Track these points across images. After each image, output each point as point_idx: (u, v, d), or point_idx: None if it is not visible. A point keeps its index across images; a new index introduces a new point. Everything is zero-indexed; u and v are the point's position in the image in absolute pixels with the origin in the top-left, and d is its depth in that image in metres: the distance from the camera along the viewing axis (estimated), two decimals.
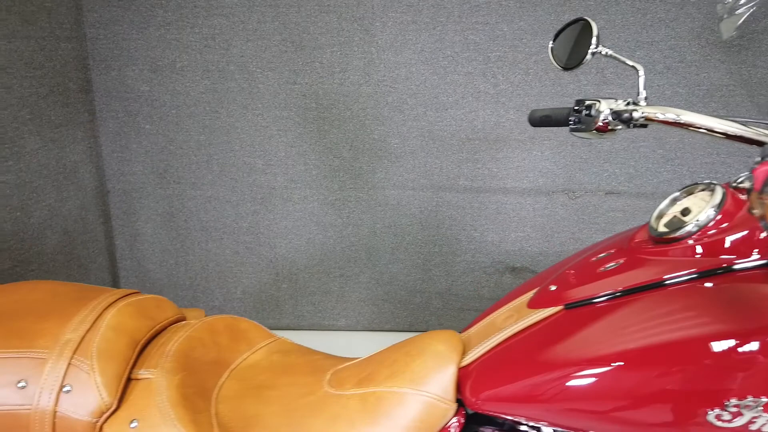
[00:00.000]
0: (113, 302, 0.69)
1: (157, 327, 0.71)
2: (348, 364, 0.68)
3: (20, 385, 0.59)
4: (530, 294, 0.70)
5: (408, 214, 1.89)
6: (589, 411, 0.58)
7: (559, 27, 0.96)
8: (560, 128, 1.76)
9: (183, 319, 0.78)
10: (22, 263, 1.56)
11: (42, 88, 1.62)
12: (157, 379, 0.62)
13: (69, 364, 0.60)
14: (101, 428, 0.59)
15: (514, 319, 0.67)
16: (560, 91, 1.74)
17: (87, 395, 0.59)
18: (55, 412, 0.58)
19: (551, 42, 0.96)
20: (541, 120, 0.92)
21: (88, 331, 0.63)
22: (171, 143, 1.89)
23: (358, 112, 1.81)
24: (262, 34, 1.77)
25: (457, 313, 1.97)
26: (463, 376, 0.65)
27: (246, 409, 0.62)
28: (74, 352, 0.61)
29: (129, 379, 0.62)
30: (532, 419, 0.62)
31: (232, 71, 1.81)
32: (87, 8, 1.80)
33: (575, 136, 0.84)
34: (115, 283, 2.01)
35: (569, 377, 0.58)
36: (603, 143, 1.77)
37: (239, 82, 1.82)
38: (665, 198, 0.75)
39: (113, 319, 0.65)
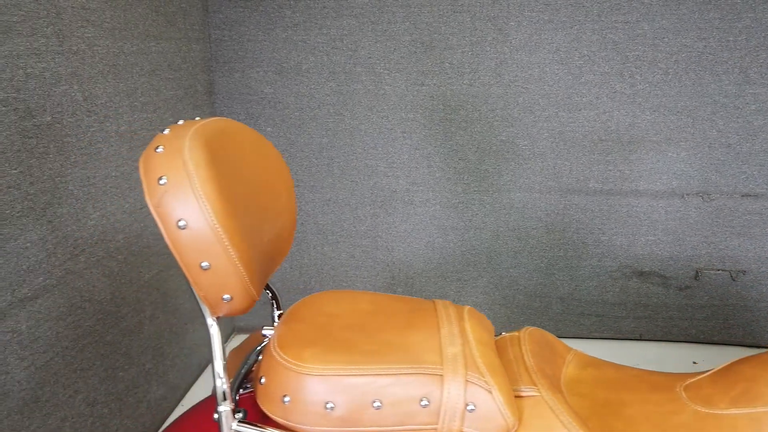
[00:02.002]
0: (457, 313, 0.67)
1: (496, 339, 0.68)
2: (695, 379, 0.65)
3: (423, 403, 0.56)
4: None
5: (533, 217, 1.85)
6: None
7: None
8: (697, 129, 1.72)
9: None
10: (166, 268, 1.54)
11: (179, 91, 1.61)
12: (544, 396, 0.58)
13: (466, 381, 0.57)
14: None
15: None
16: (700, 91, 1.69)
17: (490, 415, 0.56)
18: (460, 431, 0.56)
19: None
20: None
21: (463, 345, 0.60)
22: (292, 146, 1.87)
23: (486, 114, 1.78)
24: (391, 35, 1.74)
25: (577, 318, 1.93)
26: None
27: (612, 430, 0.59)
28: (466, 369, 0.58)
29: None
30: None
31: (358, 73, 1.78)
32: (212, 9, 1.78)
33: None
34: None
35: None
36: (742, 144, 1.72)
37: (365, 84, 1.79)
38: None
39: (475, 332, 0.63)
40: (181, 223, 0.52)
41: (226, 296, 0.55)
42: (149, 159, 0.54)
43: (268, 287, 0.80)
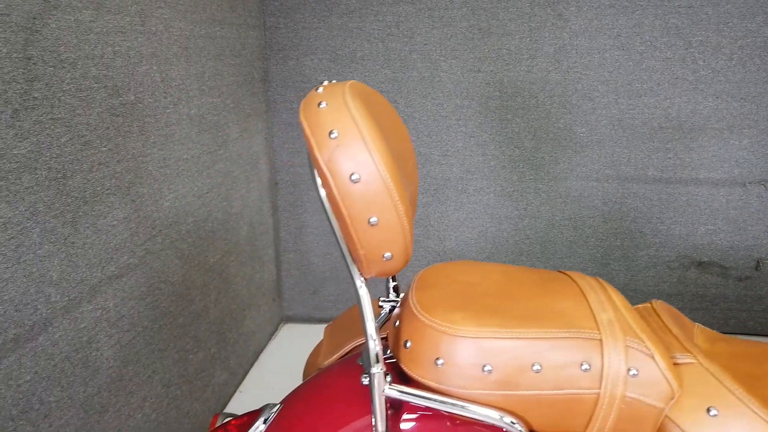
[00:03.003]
0: (596, 282, 0.65)
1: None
2: None
3: (584, 367, 0.55)
4: None
5: (590, 206, 1.83)
6: None
7: None
8: (761, 116, 1.69)
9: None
10: (227, 254, 1.54)
11: (239, 77, 1.61)
12: (703, 363, 0.57)
13: (626, 346, 0.55)
14: (665, 416, 0.55)
15: None
16: (765, 77, 1.66)
17: (653, 380, 0.54)
18: (624, 396, 0.54)
19: None
20: None
21: (614, 311, 0.59)
22: None
23: (543, 101, 1.76)
24: (448, 21, 1.73)
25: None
26: None
27: None
28: (624, 334, 0.56)
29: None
30: None
31: (414, 60, 1.77)
32: None
33: None
34: (278, 277, 1.99)
35: None
36: None
37: (421, 71, 1.78)
38: None
39: (620, 300, 0.61)
40: (354, 177, 0.51)
41: (387, 254, 0.54)
42: (315, 115, 0.53)
43: None
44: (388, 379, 0.59)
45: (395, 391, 0.58)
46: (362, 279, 0.57)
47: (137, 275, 1.10)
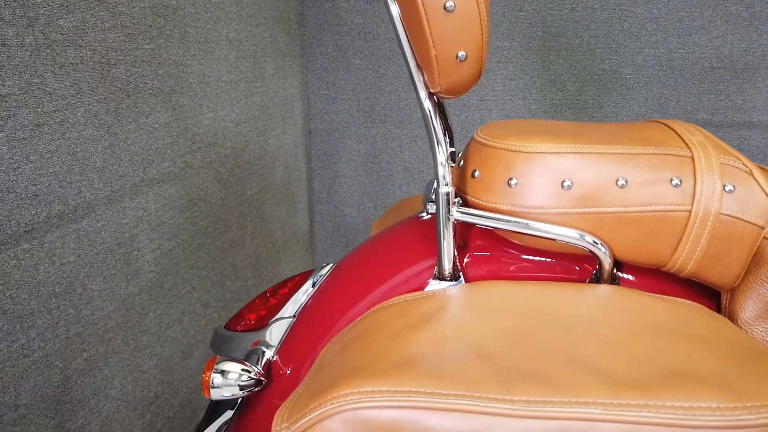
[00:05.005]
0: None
1: None
2: None
3: (674, 182, 0.50)
4: None
5: None
6: None
7: None
8: None
9: None
10: (263, 190, 1.51)
11: (276, 12, 1.58)
12: None
13: (721, 163, 0.50)
14: (764, 237, 0.50)
15: None
16: None
17: (752, 196, 0.49)
18: (718, 214, 0.49)
19: None
20: None
21: (704, 135, 0.54)
22: (381, 79, 1.82)
23: (588, 40, 1.69)
24: None
25: None
26: None
27: None
28: (718, 151, 0.51)
29: None
30: None
31: None
32: None
33: None
34: (311, 227, 1.97)
35: None
36: None
37: None
38: None
39: (708, 133, 0.56)
40: None
41: (461, 53, 0.49)
42: None
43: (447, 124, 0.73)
44: (458, 201, 0.55)
45: (465, 215, 0.54)
46: (427, 92, 0.53)
47: (177, 186, 1.08)
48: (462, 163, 0.59)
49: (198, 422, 1.17)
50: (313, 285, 0.67)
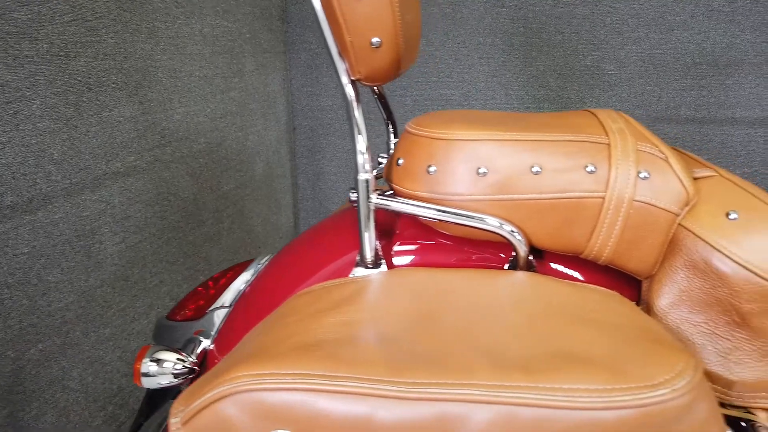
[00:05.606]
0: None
1: None
2: None
3: (589, 169, 0.50)
4: None
5: None
6: None
7: None
8: None
9: None
10: (241, 186, 1.52)
11: (256, 9, 1.58)
12: (724, 175, 0.51)
13: (636, 150, 0.50)
14: (678, 223, 0.50)
15: None
16: None
17: (666, 183, 0.49)
18: (632, 200, 0.49)
19: None
20: None
21: (626, 123, 0.54)
22: None
23: (570, 36, 1.69)
24: None
25: None
26: None
27: None
28: (635, 138, 0.51)
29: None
30: None
31: None
32: None
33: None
34: (295, 223, 1.97)
35: None
36: None
37: (442, 8, 1.73)
38: None
39: (633, 121, 0.56)
40: None
41: (374, 39, 0.49)
42: None
43: (389, 115, 0.74)
44: (378, 191, 0.55)
45: (384, 200, 0.54)
46: (349, 78, 0.53)
47: (144, 180, 1.08)
48: (392, 151, 0.59)
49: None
50: (253, 274, 0.67)
